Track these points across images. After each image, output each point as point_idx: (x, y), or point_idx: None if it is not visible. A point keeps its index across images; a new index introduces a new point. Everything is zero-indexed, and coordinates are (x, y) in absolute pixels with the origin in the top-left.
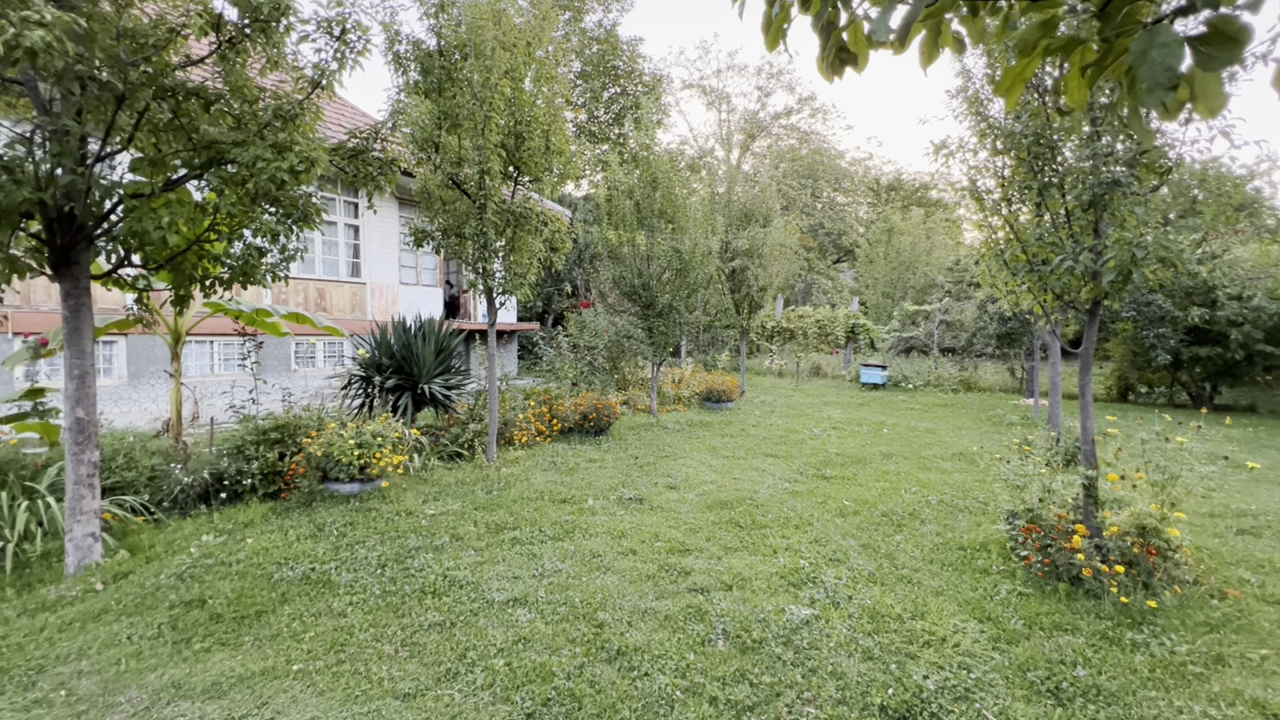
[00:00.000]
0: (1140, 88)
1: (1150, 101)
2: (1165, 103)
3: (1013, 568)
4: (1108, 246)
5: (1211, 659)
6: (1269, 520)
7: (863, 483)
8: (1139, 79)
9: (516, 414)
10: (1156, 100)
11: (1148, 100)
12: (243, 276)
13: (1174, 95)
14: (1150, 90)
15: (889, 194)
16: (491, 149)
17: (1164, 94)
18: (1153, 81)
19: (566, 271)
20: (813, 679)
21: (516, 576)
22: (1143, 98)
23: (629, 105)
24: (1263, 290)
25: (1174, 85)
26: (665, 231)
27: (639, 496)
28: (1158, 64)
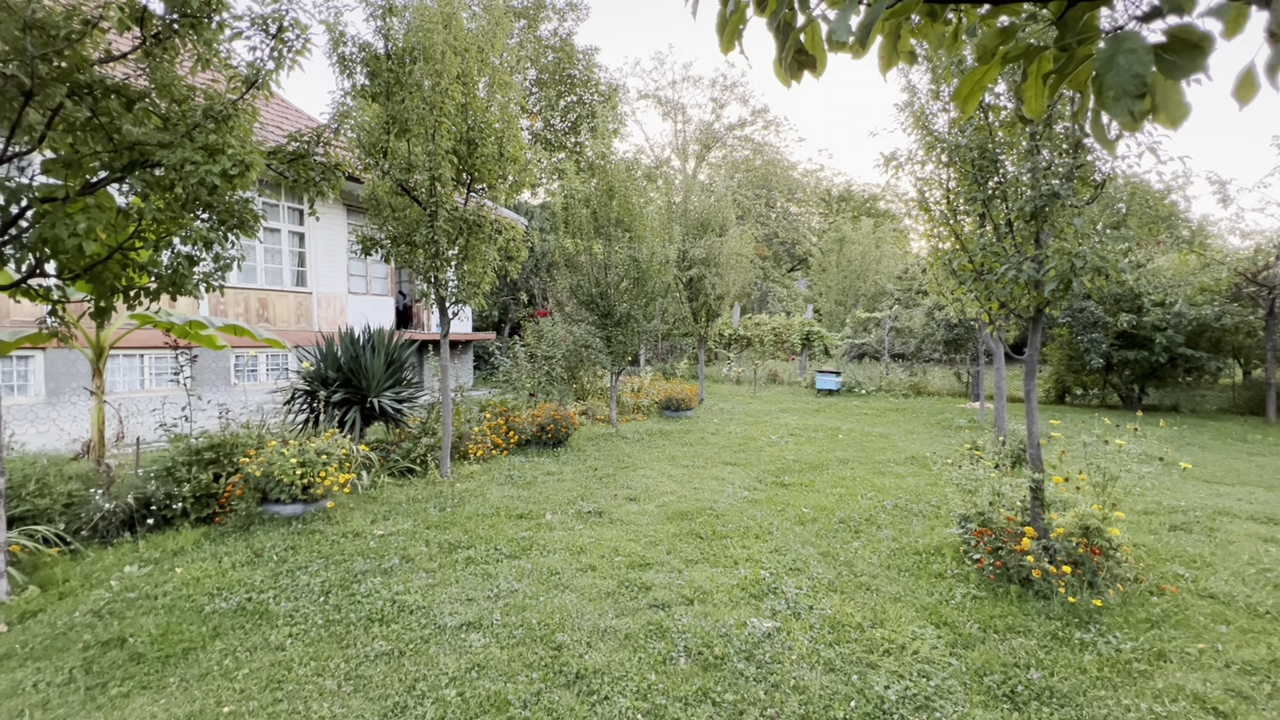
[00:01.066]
0: (1108, 95)
1: (1117, 110)
2: (1133, 111)
3: (966, 571)
4: (1049, 256)
5: (1154, 655)
6: (1197, 516)
7: (821, 489)
8: (1106, 86)
9: (471, 427)
10: (1124, 109)
11: (1115, 109)
12: (172, 287)
13: (1141, 104)
14: (1118, 98)
15: (840, 204)
16: (443, 155)
17: (1131, 102)
18: (1120, 89)
19: (523, 280)
20: (776, 694)
21: (470, 598)
22: (1110, 106)
23: (585, 114)
24: (1183, 297)
25: (1142, 93)
26: (623, 240)
27: (598, 510)
28: (1125, 71)
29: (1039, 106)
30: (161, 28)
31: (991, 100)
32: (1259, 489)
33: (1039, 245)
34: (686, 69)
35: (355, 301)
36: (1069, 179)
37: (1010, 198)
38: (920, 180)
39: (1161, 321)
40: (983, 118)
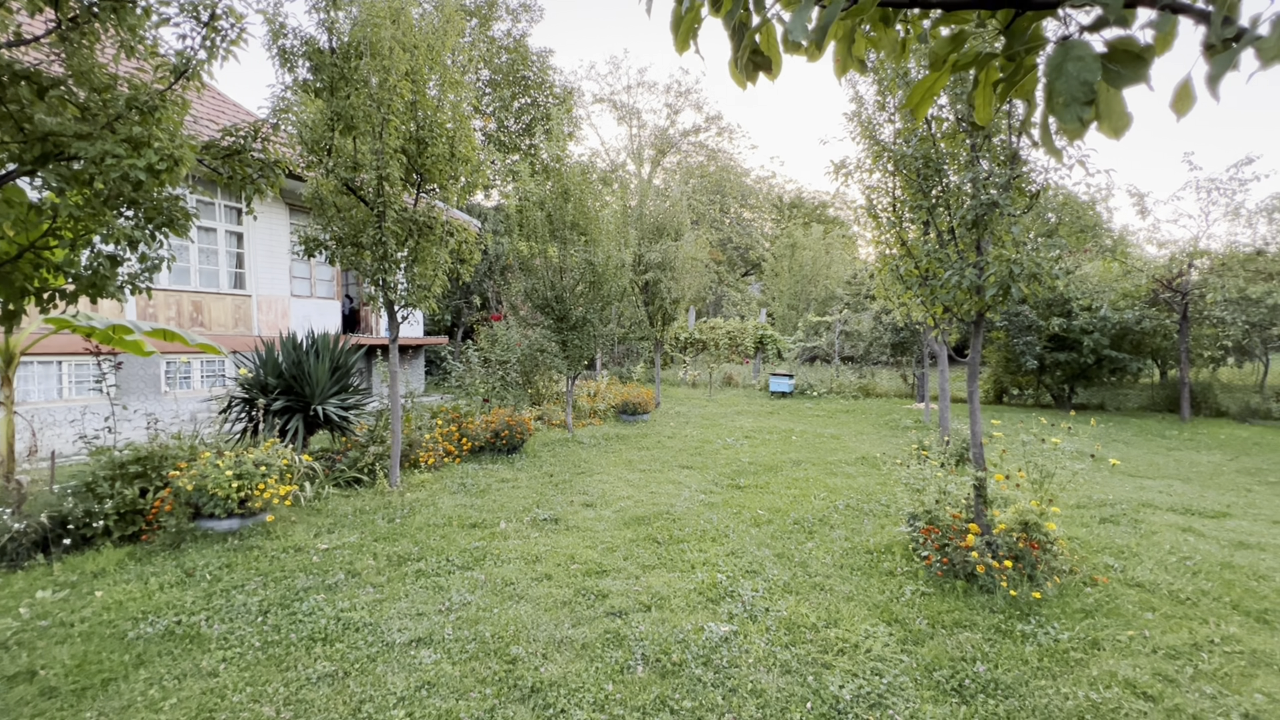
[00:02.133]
0: (1057, 101)
1: (1067, 116)
2: (1081, 117)
3: (915, 568)
4: (989, 263)
5: (1089, 644)
6: (1124, 509)
7: (775, 491)
8: (1055, 93)
9: (422, 434)
10: (1073, 115)
11: (1064, 115)
12: (92, 289)
13: (1090, 110)
14: (1067, 105)
15: (791, 211)
16: (391, 154)
17: (1080, 109)
18: (1069, 96)
19: (476, 284)
20: (733, 699)
21: (421, 613)
22: (1060, 112)
23: (540, 116)
24: (1107, 302)
25: (1090, 100)
26: (578, 244)
27: (554, 517)
28: (1074, 78)
29: (987, 114)
30: (79, 10)
31: (935, 112)
32: (1177, 481)
33: (980, 252)
34: (641, 74)
35: (298, 305)
36: (1006, 189)
37: (953, 206)
38: (868, 188)
39: (1089, 325)
40: (927, 128)
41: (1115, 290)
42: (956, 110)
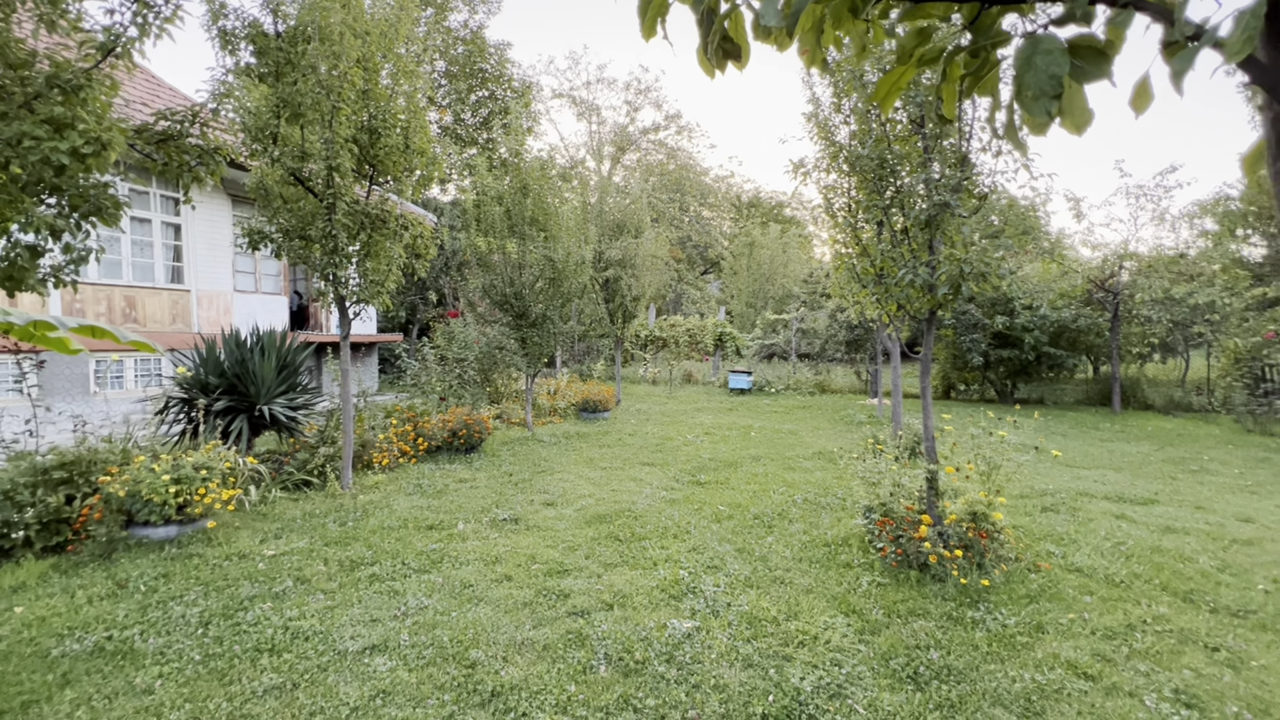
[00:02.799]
0: (1026, 94)
1: (1036, 109)
2: (1050, 111)
3: (871, 559)
4: (940, 262)
5: (1034, 628)
6: (1063, 498)
7: (735, 486)
8: (1024, 86)
9: (376, 434)
10: (1042, 108)
11: (1033, 108)
12: (9, 282)
13: (1058, 103)
14: (1036, 98)
15: (749, 210)
16: (341, 144)
17: (1049, 102)
18: (1038, 89)
19: (432, 279)
20: (696, 695)
21: (375, 619)
22: (1029, 105)
23: (497, 110)
24: (1046, 302)
25: (1058, 94)
26: (538, 240)
27: (514, 516)
28: (1043, 71)
29: (953, 109)
30: None
31: (890, 114)
32: (1110, 471)
33: (932, 252)
34: (601, 70)
35: (242, 300)
36: (957, 190)
37: (906, 206)
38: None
39: (1030, 323)
40: (882, 130)
41: (1054, 290)
42: (909, 111)
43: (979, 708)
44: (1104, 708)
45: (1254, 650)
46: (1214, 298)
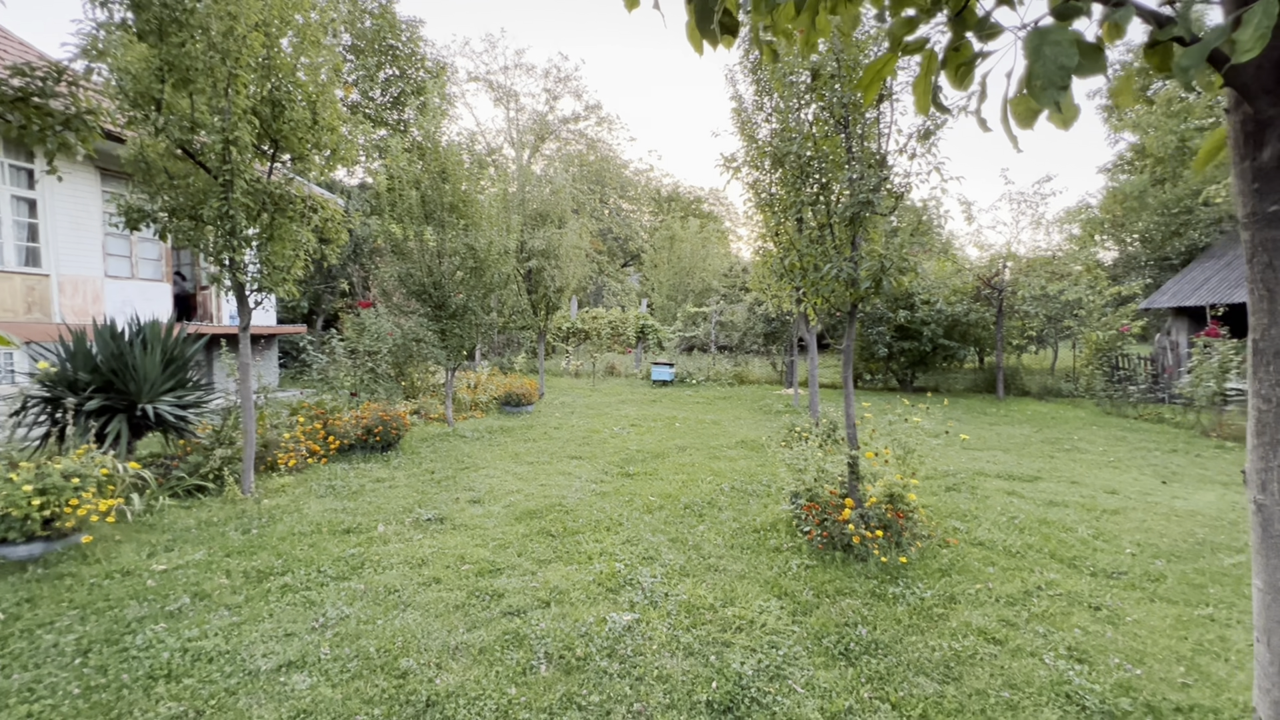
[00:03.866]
0: (1035, 85)
1: (1044, 99)
2: (1058, 101)
3: (799, 543)
4: (863, 258)
5: (947, 600)
6: (963, 478)
7: (664, 477)
8: (1034, 76)
9: (281, 433)
10: (1050, 99)
11: (1042, 98)
12: None
13: (1066, 94)
14: (1045, 88)
15: (669, 204)
16: (240, 115)
17: (1057, 93)
18: (1047, 79)
19: (340, 267)
20: (640, 687)
21: (290, 633)
22: (1038, 95)
23: (410, 89)
24: (942, 297)
25: (1066, 85)
26: (458, 227)
27: (439, 516)
28: (1051, 62)
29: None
30: None
31: (818, 112)
32: (999, 452)
33: (854, 248)
34: (519, 55)
35: (116, 287)
36: (877, 190)
37: (831, 204)
38: (749, 185)
39: (927, 317)
40: (807, 129)
41: (948, 286)
42: (834, 112)
43: (905, 677)
44: (1011, 668)
45: (1127, 607)
46: (1080, 295)
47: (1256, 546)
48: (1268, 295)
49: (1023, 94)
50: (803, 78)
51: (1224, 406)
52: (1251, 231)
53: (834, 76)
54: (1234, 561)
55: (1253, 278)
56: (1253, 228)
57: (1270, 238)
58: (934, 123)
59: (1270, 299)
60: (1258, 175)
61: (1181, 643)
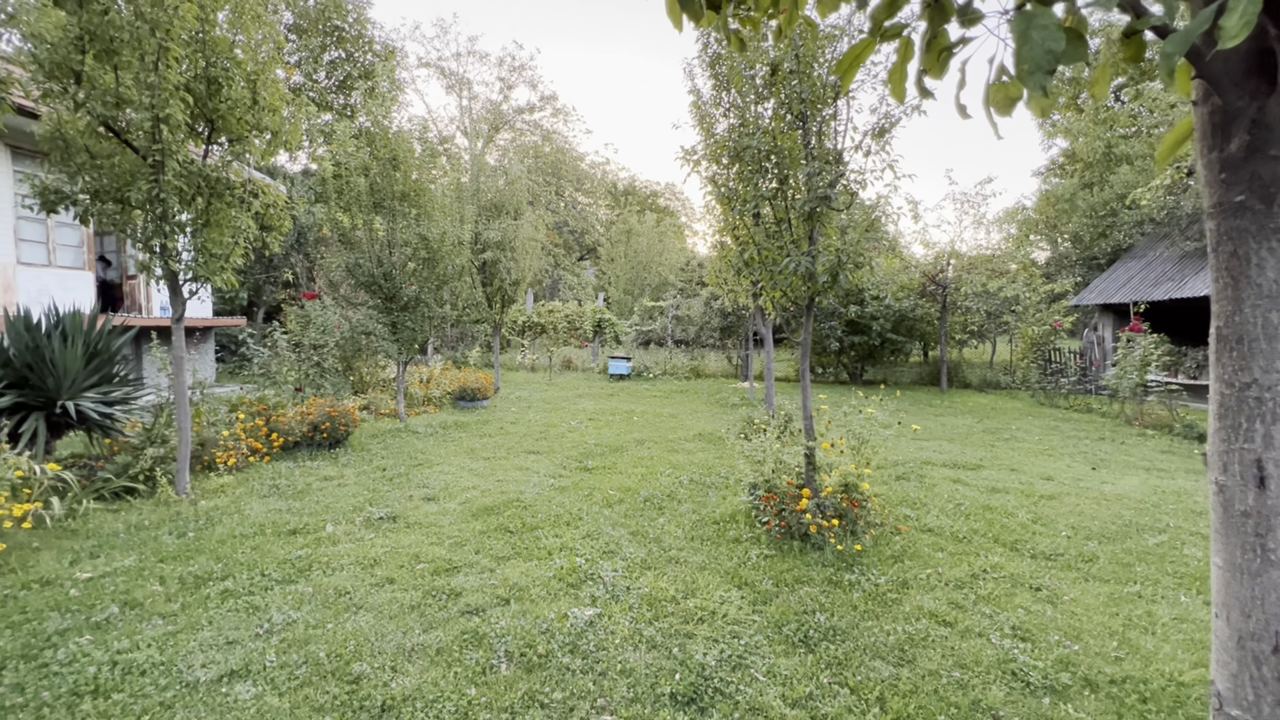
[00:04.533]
0: (1022, 69)
1: (1032, 83)
2: (1044, 86)
3: (758, 533)
4: (820, 252)
5: (900, 585)
6: (911, 467)
7: (623, 470)
8: (1021, 59)
9: (219, 430)
10: (1037, 83)
11: (1029, 82)
12: None
13: (1052, 79)
14: (1032, 72)
15: (625, 198)
16: (171, 91)
17: (1043, 77)
18: (1034, 64)
19: (283, 257)
20: (604, 682)
21: (232, 641)
22: (1025, 79)
23: (357, 73)
24: (890, 293)
25: (1053, 69)
26: (409, 216)
27: (392, 514)
28: (1039, 46)
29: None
30: None
31: (773, 110)
32: (944, 442)
33: (812, 242)
34: (472, 42)
35: (30, 275)
36: (833, 185)
37: (790, 199)
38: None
39: (877, 312)
40: (768, 123)
41: (896, 283)
42: (792, 108)
43: (862, 662)
44: (961, 649)
45: (1064, 587)
46: (1017, 292)
47: (1217, 526)
48: (1232, 283)
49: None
50: (761, 73)
51: (1145, 397)
52: (1217, 221)
53: (793, 73)
54: (1157, 541)
55: (1217, 266)
56: (1218, 217)
57: (1235, 227)
58: (888, 121)
59: (1235, 286)
60: (1225, 166)
61: (1113, 619)
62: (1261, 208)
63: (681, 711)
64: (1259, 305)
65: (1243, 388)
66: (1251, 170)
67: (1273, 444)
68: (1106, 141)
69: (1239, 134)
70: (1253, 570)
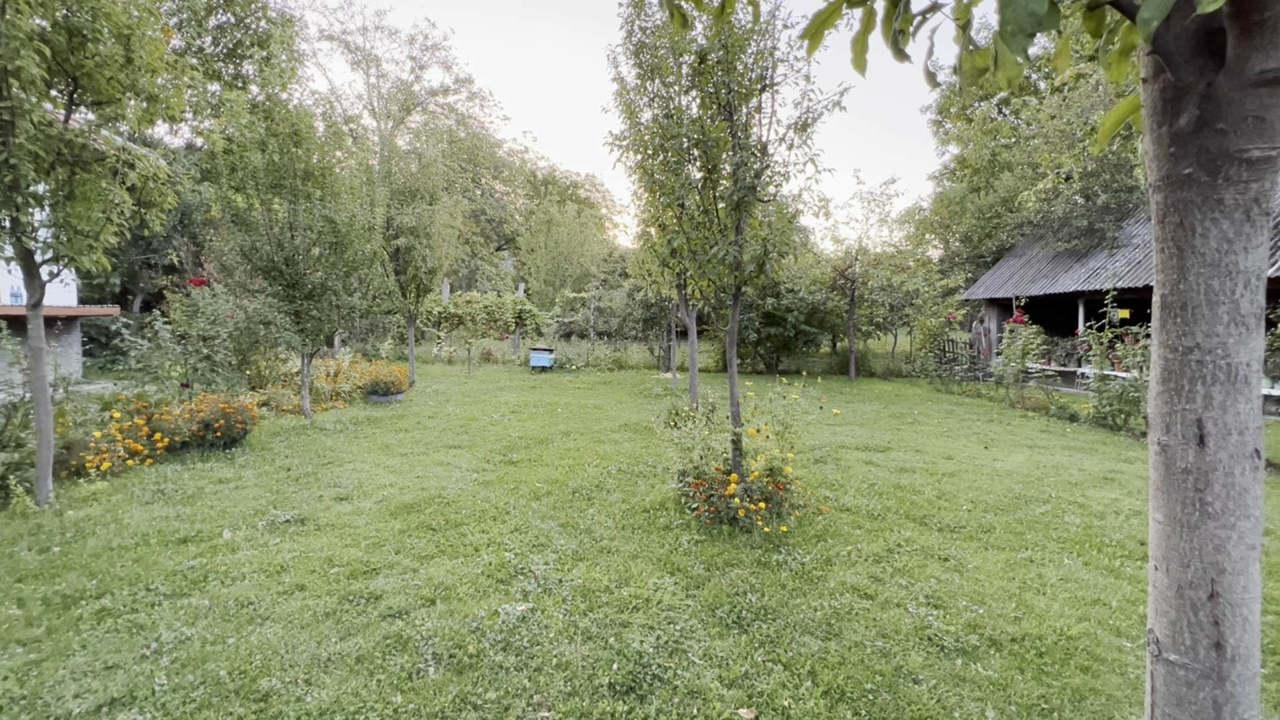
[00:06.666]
0: (1005, 30)
1: (1014, 45)
2: (1025, 48)
3: (688, 520)
4: (747, 242)
5: (823, 562)
6: (828, 451)
7: (549, 463)
8: (1004, 21)
9: (89, 431)
10: (1019, 45)
11: (1012, 43)
12: None
13: (1032, 41)
14: (1014, 34)
15: (545, 187)
16: (23, 40)
17: (1025, 39)
18: (1017, 25)
19: (165, 239)
20: (539, 678)
21: (112, 665)
22: (1007, 40)
23: (250, 41)
24: (804, 286)
25: (1034, 31)
26: (314, 199)
27: (300, 516)
28: (1022, 7)
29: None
30: None
31: (700, 100)
32: (856, 427)
33: (739, 232)
34: (380, 17)
35: None
36: (759, 176)
37: (718, 188)
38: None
39: (791, 305)
40: (697, 112)
41: (809, 276)
42: (719, 98)
43: (792, 638)
44: (882, 619)
45: (968, 556)
46: (917, 287)
47: (1157, 484)
48: (1177, 253)
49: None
50: (688, 61)
51: (1025, 382)
52: (1165, 194)
53: (719, 63)
54: (1042, 511)
55: (1163, 237)
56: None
57: (1182, 199)
58: (810, 115)
59: (1180, 256)
60: (1174, 140)
61: (1011, 583)
62: (1207, 179)
63: (620, 701)
64: (1202, 273)
65: (1185, 351)
66: (1200, 144)
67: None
68: (992, 150)
69: (1188, 109)
70: (1191, 523)
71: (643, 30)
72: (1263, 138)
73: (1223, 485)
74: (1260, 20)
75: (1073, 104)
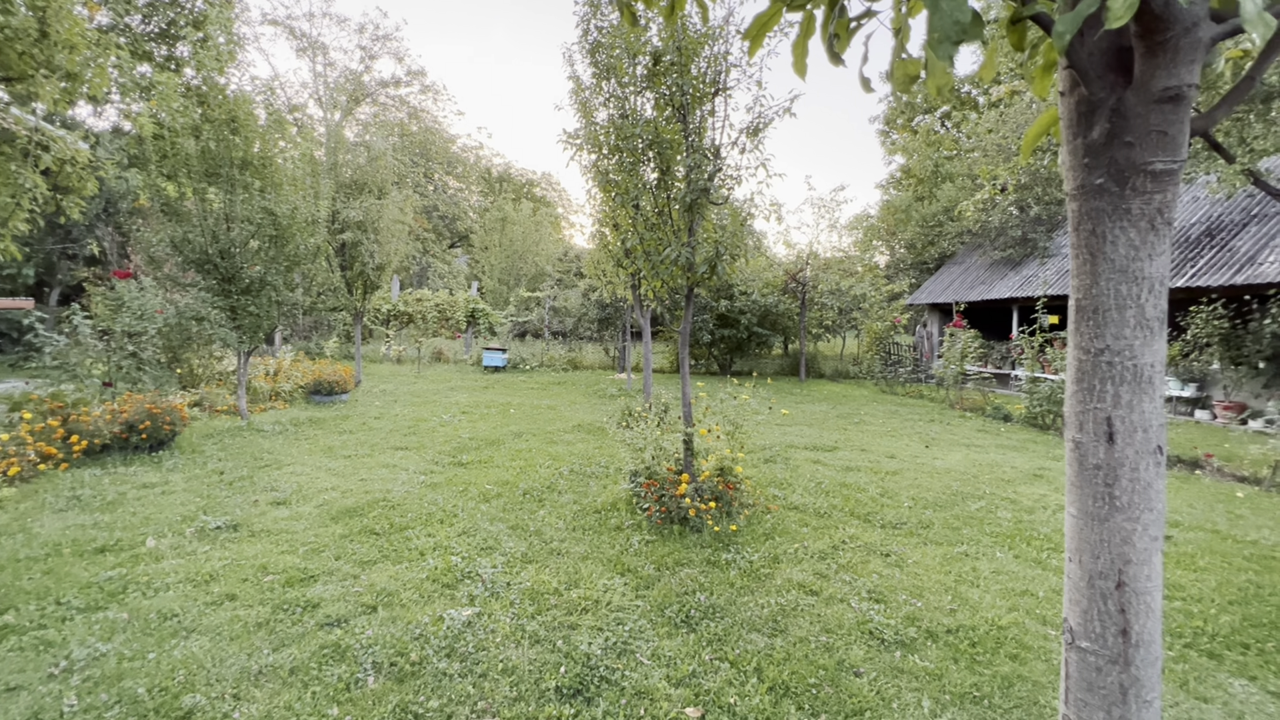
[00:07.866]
0: (933, 37)
1: (940, 51)
2: (950, 56)
3: (639, 520)
4: (700, 243)
5: (771, 560)
6: (777, 450)
7: (500, 464)
8: (932, 29)
9: None
10: (946, 52)
11: (939, 50)
12: None
13: (957, 49)
14: (941, 41)
15: (500, 185)
16: None
17: (950, 47)
18: (943, 33)
19: (87, 228)
20: (484, 684)
21: (14, 687)
22: (935, 47)
23: (185, 21)
24: (757, 289)
25: (959, 40)
26: (252, 189)
27: (232, 522)
28: (948, 16)
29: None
30: None
31: (655, 101)
32: (804, 426)
33: (692, 234)
34: (328, 3)
35: None
36: (712, 179)
37: (672, 190)
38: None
39: (744, 307)
40: (651, 113)
41: (761, 279)
42: (674, 101)
43: (740, 636)
44: (826, 614)
45: (909, 552)
46: (864, 291)
47: (1072, 479)
48: (1090, 259)
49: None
50: (643, 63)
51: (964, 384)
52: (1079, 202)
53: (673, 64)
54: (978, 507)
55: (1077, 244)
56: (1080, 198)
57: (1095, 207)
58: (762, 120)
59: (1092, 262)
60: (1088, 151)
61: (947, 576)
62: (1116, 190)
63: (567, 704)
64: (1112, 279)
65: (1097, 353)
66: (1110, 155)
67: (1120, 402)
68: (935, 161)
69: (1100, 122)
70: (1101, 516)
71: (599, 30)
72: (1165, 151)
73: (1129, 480)
74: (1163, 40)
75: (1009, 119)
